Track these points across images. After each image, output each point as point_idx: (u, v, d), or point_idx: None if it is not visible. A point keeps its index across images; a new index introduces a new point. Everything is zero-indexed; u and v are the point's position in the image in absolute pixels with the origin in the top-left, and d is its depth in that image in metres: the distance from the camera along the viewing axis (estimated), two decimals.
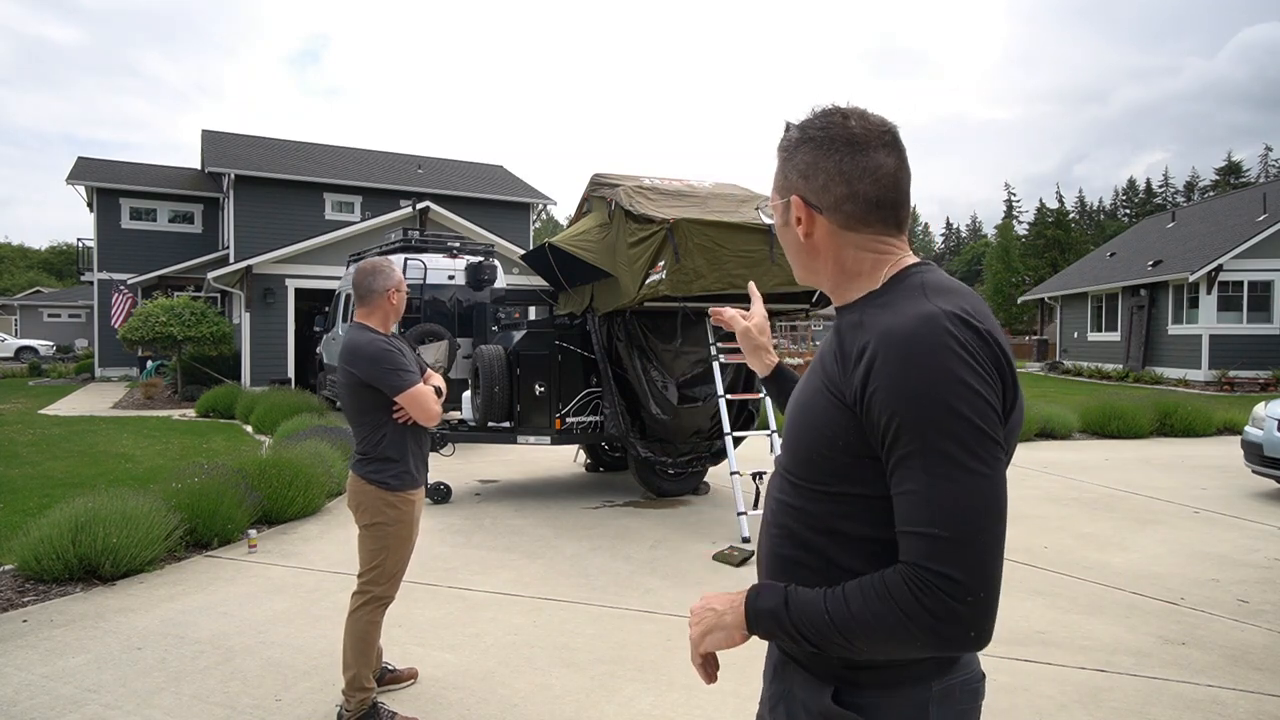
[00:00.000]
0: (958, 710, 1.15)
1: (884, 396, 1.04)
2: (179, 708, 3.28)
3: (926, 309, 1.07)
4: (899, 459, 1.04)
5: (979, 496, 1.01)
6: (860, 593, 1.06)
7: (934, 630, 1.00)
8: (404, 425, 3.19)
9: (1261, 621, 4.30)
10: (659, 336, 7.10)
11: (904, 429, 1.03)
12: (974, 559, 1.00)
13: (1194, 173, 74.18)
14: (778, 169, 1.26)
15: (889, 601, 1.02)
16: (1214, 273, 20.16)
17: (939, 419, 1.01)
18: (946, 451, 1.01)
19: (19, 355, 33.33)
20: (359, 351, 3.13)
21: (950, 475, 1.01)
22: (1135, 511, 6.90)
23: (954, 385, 1.02)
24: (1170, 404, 12.09)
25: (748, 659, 3.77)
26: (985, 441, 1.02)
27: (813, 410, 1.17)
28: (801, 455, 1.19)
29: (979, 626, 1.01)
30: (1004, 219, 66.91)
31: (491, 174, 27.64)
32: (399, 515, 3.18)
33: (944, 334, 1.04)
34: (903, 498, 1.04)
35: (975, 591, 0.99)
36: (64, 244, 66.14)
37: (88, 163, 25.85)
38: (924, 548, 1.01)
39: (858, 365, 1.09)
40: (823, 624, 1.08)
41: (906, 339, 1.05)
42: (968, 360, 1.03)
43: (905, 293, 1.14)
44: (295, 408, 11.71)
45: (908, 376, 1.03)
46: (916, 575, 1.01)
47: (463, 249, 12.12)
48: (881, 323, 1.09)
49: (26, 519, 5.40)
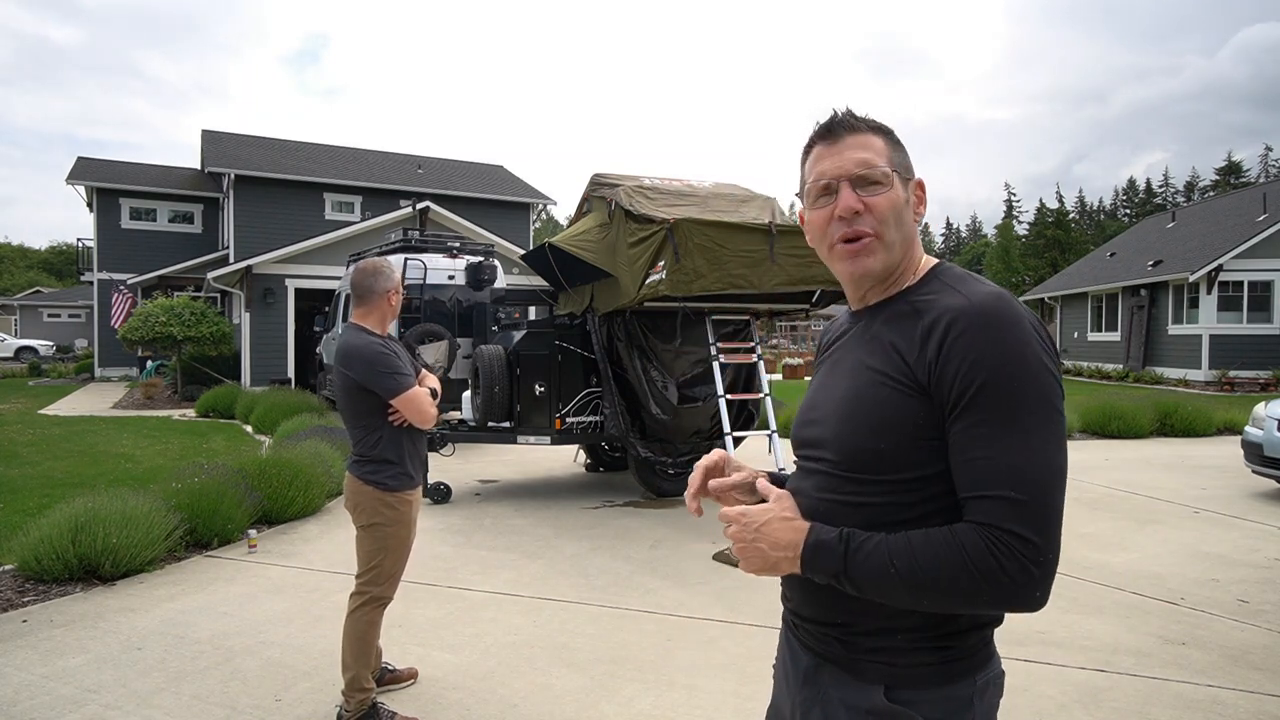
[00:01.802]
0: (990, 704, 1.20)
1: (960, 366, 1.09)
2: (179, 708, 3.28)
3: (995, 289, 1.14)
4: (972, 424, 1.08)
5: (1051, 464, 1.07)
6: (930, 547, 1.08)
7: (1007, 589, 1.04)
8: (400, 426, 3.18)
9: (1261, 621, 4.30)
10: (659, 336, 7.10)
11: (982, 396, 1.07)
12: (1047, 523, 1.05)
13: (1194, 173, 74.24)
14: (885, 146, 1.26)
15: (963, 558, 1.05)
16: (1214, 273, 20.16)
17: (1019, 388, 1.06)
18: (1023, 421, 1.06)
19: (19, 355, 33.32)
20: (355, 354, 3.12)
21: (1028, 443, 1.06)
22: (1135, 511, 6.90)
23: (1033, 358, 1.08)
24: (1170, 404, 12.09)
25: (747, 659, 3.79)
26: (1055, 413, 1.08)
27: (874, 402, 1.18)
28: (866, 447, 1.17)
29: (1045, 588, 1.06)
30: (1004, 219, 66.97)
31: (491, 174, 27.63)
32: (397, 516, 3.18)
33: (1020, 311, 1.11)
34: (977, 462, 1.08)
35: (1047, 554, 1.05)
36: (64, 244, 66.16)
37: (88, 163, 25.84)
38: (1002, 510, 1.05)
39: (928, 341, 1.13)
40: (885, 571, 1.09)
41: (987, 312, 1.10)
42: (1043, 339, 1.11)
43: (956, 280, 1.20)
44: (295, 408, 11.71)
45: (989, 348, 1.08)
46: (994, 536, 1.05)
47: (463, 249, 12.12)
48: (950, 302, 1.14)
49: (26, 519, 5.40)
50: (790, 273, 6.36)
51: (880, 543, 1.11)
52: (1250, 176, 61.70)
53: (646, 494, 7.45)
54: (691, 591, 4.79)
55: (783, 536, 1.17)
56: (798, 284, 6.42)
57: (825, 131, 1.28)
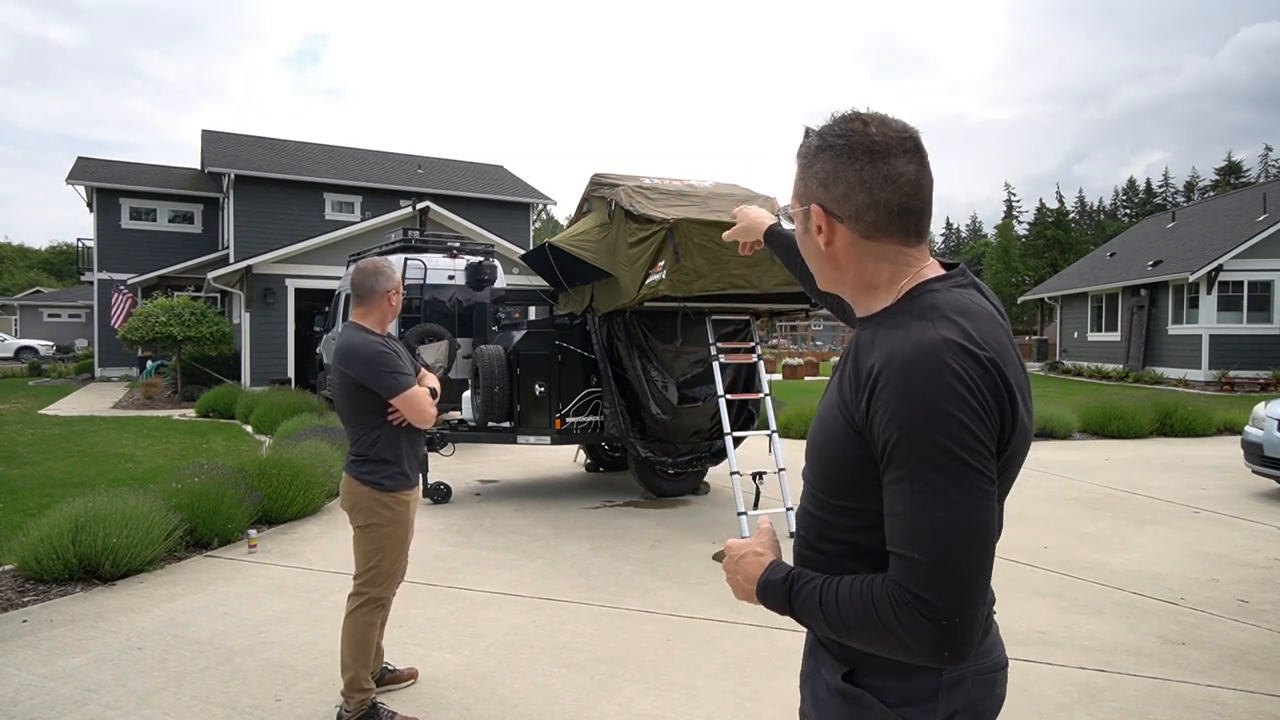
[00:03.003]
0: (969, 698, 1.17)
1: (881, 420, 1.08)
2: (179, 708, 3.28)
3: (929, 335, 1.08)
4: (890, 480, 1.08)
5: (957, 527, 1.03)
6: (850, 595, 1.12)
7: (907, 645, 1.07)
8: (398, 426, 3.18)
9: (1261, 621, 4.30)
10: (659, 336, 7.09)
11: (895, 453, 1.06)
12: (947, 585, 1.03)
13: (1194, 173, 74.17)
14: (797, 175, 1.25)
15: (872, 611, 1.08)
16: (1214, 273, 20.16)
17: (925, 449, 1.04)
18: (930, 480, 1.04)
19: (19, 355, 33.33)
20: (355, 353, 3.12)
21: (931, 503, 1.03)
22: (1135, 511, 6.90)
23: (943, 417, 1.03)
24: (1170, 404, 12.09)
25: (747, 659, 3.79)
26: (970, 473, 1.04)
27: (830, 427, 1.20)
28: (819, 469, 1.24)
29: (952, 647, 1.04)
30: (1004, 219, 66.91)
31: (491, 174, 27.64)
32: (394, 516, 3.17)
33: (940, 364, 1.04)
34: (891, 518, 1.09)
35: (949, 615, 1.03)
36: (64, 244, 66.21)
37: (88, 163, 25.85)
38: (903, 569, 1.06)
39: (865, 388, 1.12)
40: (816, 615, 1.16)
41: (904, 366, 1.07)
42: (961, 392, 1.03)
43: (915, 313, 1.14)
44: (295, 408, 11.71)
45: (902, 404, 1.06)
46: (897, 592, 1.06)
47: (463, 249, 12.11)
48: (889, 345, 1.11)
49: (26, 519, 5.40)
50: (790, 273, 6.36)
51: (816, 588, 1.16)
52: (1250, 176, 61.68)
53: (646, 494, 7.45)
54: (691, 591, 4.79)
55: (751, 571, 1.27)
56: (798, 284, 6.41)
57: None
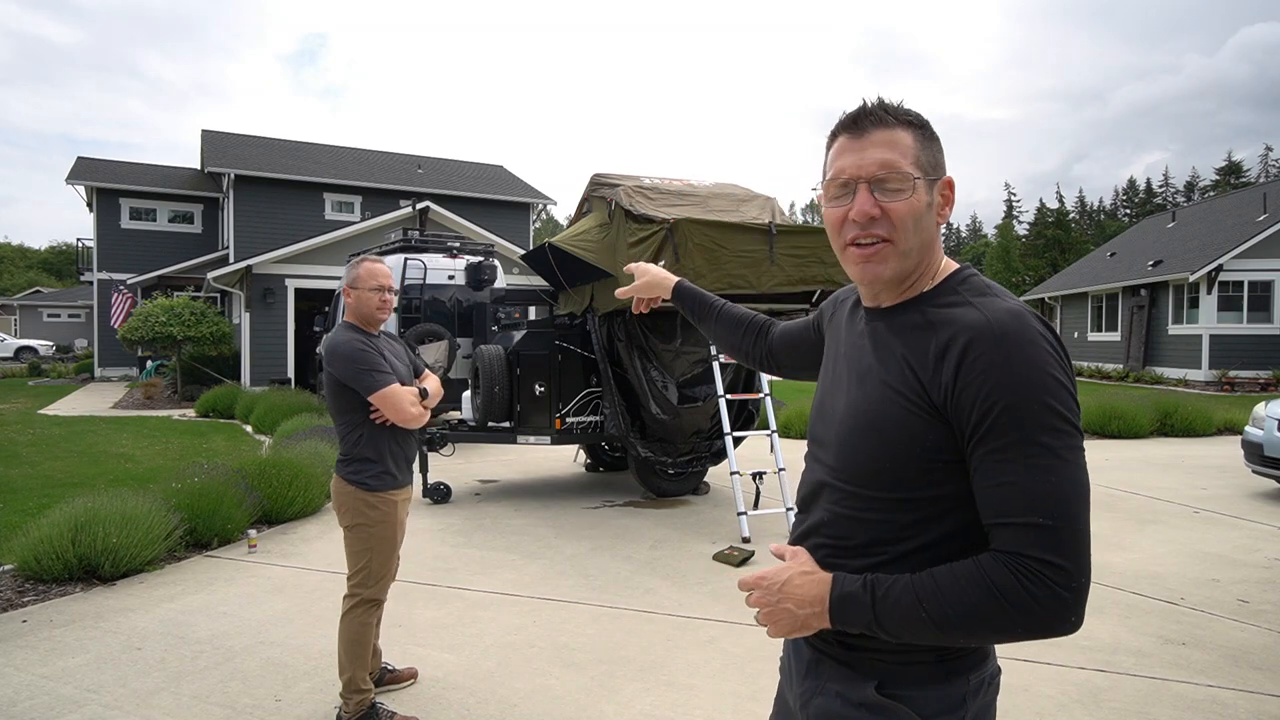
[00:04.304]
0: (985, 702, 1.19)
1: (979, 390, 1.06)
2: (179, 708, 3.28)
3: (1013, 306, 1.11)
4: (992, 450, 1.05)
5: (1075, 486, 1.04)
6: (957, 584, 1.05)
7: (1040, 618, 1.02)
8: (382, 425, 3.17)
9: (1261, 621, 4.30)
10: (659, 336, 7.09)
11: (1001, 421, 1.04)
12: (1075, 546, 1.03)
13: (1194, 173, 73.99)
14: (913, 143, 1.18)
15: (991, 591, 1.03)
16: (1214, 273, 20.16)
17: (1038, 413, 1.04)
18: (1045, 443, 1.03)
19: (19, 355, 33.32)
20: (335, 351, 3.12)
21: (1051, 466, 1.03)
22: (1135, 511, 6.90)
23: (1050, 380, 1.05)
24: (1170, 404, 12.09)
25: (747, 659, 3.79)
26: (1075, 435, 1.06)
27: (886, 417, 1.15)
28: (874, 464, 1.16)
29: (1079, 611, 1.03)
30: (1004, 219, 66.89)
31: (491, 174, 27.63)
32: (380, 516, 3.16)
33: (1036, 332, 1.07)
34: (1000, 489, 1.05)
35: (1078, 577, 1.02)
36: (64, 244, 66.14)
37: (87, 163, 25.84)
38: (1029, 537, 1.02)
39: (943, 362, 1.10)
40: (914, 614, 1.07)
41: (1001, 334, 1.07)
42: (1057, 356, 1.07)
43: (975, 290, 1.16)
44: (295, 408, 11.71)
45: (1009, 370, 1.05)
46: (1021, 564, 1.03)
47: (463, 249, 12.11)
48: (967, 319, 1.10)
49: (26, 519, 5.40)
50: (790, 273, 6.37)
51: (906, 586, 1.09)
52: (1250, 176, 61.63)
53: (646, 494, 7.45)
54: (691, 591, 4.79)
55: (808, 592, 1.15)
56: (797, 284, 6.42)
57: (851, 123, 1.20)
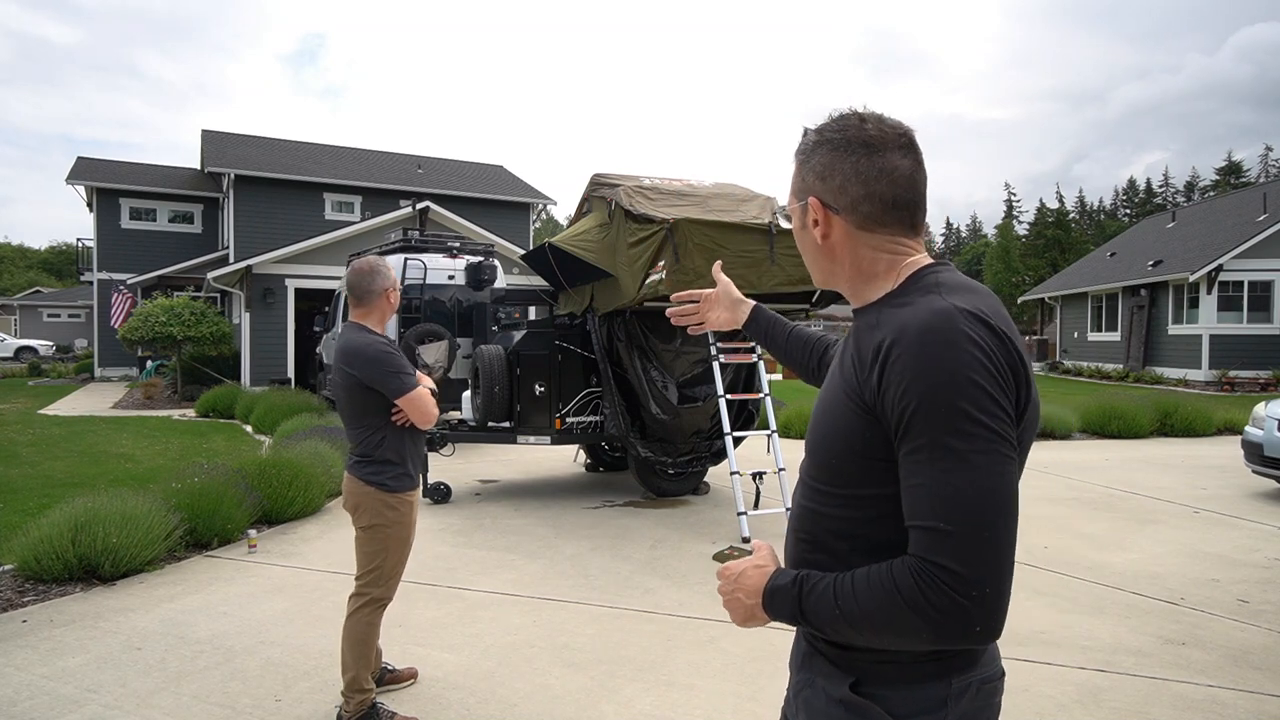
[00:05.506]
0: (973, 707, 1.16)
1: (896, 391, 1.05)
2: (179, 708, 3.28)
3: (941, 305, 1.08)
4: (907, 452, 1.05)
5: (982, 491, 1.01)
6: (867, 583, 1.08)
7: (936, 623, 1.01)
8: (401, 427, 3.19)
9: (1261, 621, 4.30)
10: (659, 336, 7.10)
11: (913, 423, 1.04)
12: (976, 553, 1.00)
13: (1194, 173, 74.05)
14: (795, 173, 1.27)
15: (894, 593, 1.03)
16: (1214, 273, 20.17)
17: (946, 414, 1.02)
18: (951, 446, 1.01)
19: (19, 355, 33.32)
20: (359, 353, 3.12)
21: (954, 469, 1.01)
22: (1135, 511, 6.90)
23: (963, 381, 1.02)
24: (1170, 404, 12.10)
25: (747, 659, 3.79)
26: (992, 438, 1.02)
27: (834, 414, 1.18)
28: (823, 460, 1.21)
29: (983, 621, 1.00)
30: (1004, 219, 66.85)
31: (491, 174, 27.64)
32: (398, 517, 3.18)
33: (956, 331, 1.04)
34: (910, 491, 1.05)
35: (978, 585, 0.99)
36: (64, 244, 66.15)
37: (88, 162, 25.85)
38: (927, 540, 1.02)
39: (875, 363, 1.10)
40: (832, 613, 1.10)
41: (920, 334, 1.06)
42: (980, 357, 1.03)
43: (922, 290, 1.15)
44: (295, 408, 11.72)
45: (920, 370, 1.04)
46: (920, 568, 1.02)
47: (463, 249, 12.11)
48: (899, 319, 1.10)
49: (26, 519, 5.40)
50: (790, 273, 6.36)
51: (829, 585, 1.11)
52: (1250, 176, 61.65)
53: (646, 494, 7.45)
54: (691, 591, 4.79)
55: (754, 584, 1.21)
56: (797, 284, 6.42)
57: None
